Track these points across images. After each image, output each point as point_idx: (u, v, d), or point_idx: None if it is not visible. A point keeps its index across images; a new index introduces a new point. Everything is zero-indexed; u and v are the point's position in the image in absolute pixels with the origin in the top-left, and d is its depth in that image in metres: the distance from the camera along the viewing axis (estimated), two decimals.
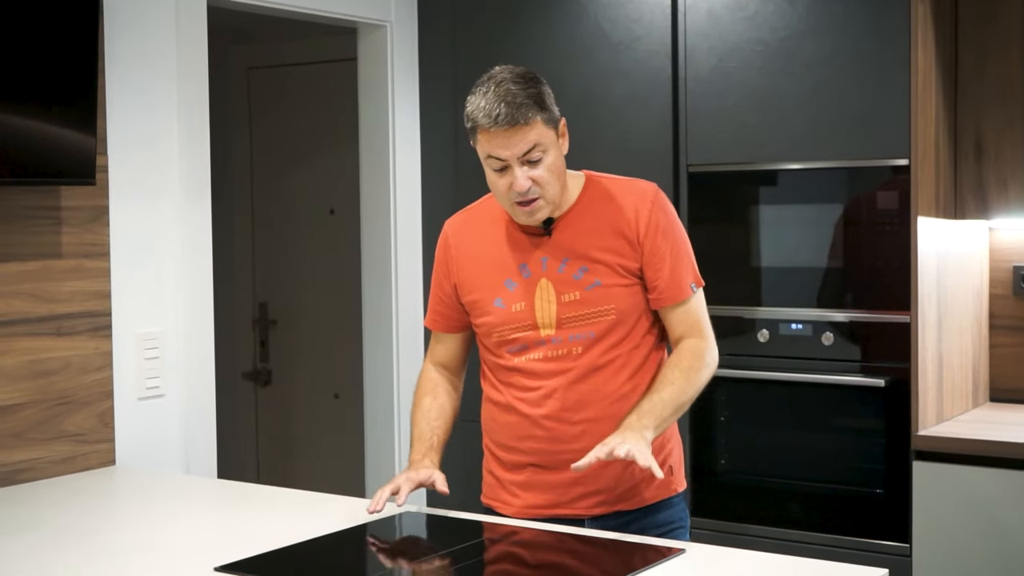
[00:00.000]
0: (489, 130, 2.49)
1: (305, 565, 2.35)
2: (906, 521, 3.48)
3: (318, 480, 4.65)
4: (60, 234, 3.16)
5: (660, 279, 2.61)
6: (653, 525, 2.63)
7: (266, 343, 5.42)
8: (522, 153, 2.49)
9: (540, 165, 2.52)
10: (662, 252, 2.61)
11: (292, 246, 5.31)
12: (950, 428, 3.53)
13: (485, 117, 2.48)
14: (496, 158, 2.51)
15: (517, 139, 2.48)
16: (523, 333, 2.62)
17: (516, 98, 2.48)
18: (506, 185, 2.53)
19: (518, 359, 2.64)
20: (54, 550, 2.45)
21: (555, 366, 2.60)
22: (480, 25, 4.17)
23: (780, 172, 3.72)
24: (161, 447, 3.43)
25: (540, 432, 2.61)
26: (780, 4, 3.64)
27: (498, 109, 2.47)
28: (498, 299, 2.64)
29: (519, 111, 2.47)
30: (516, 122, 2.47)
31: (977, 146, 3.63)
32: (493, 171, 2.54)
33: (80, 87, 3.05)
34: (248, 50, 5.34)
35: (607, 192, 2.66)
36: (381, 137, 4.24)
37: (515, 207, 2.56)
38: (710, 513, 3.81)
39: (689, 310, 2.64)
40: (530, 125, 2.48)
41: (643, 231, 2.60)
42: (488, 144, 2.51)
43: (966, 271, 3.78)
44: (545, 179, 2.53)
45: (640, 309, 2.63)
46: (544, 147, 2.52)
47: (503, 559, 2.44)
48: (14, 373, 3.06)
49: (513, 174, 2.51)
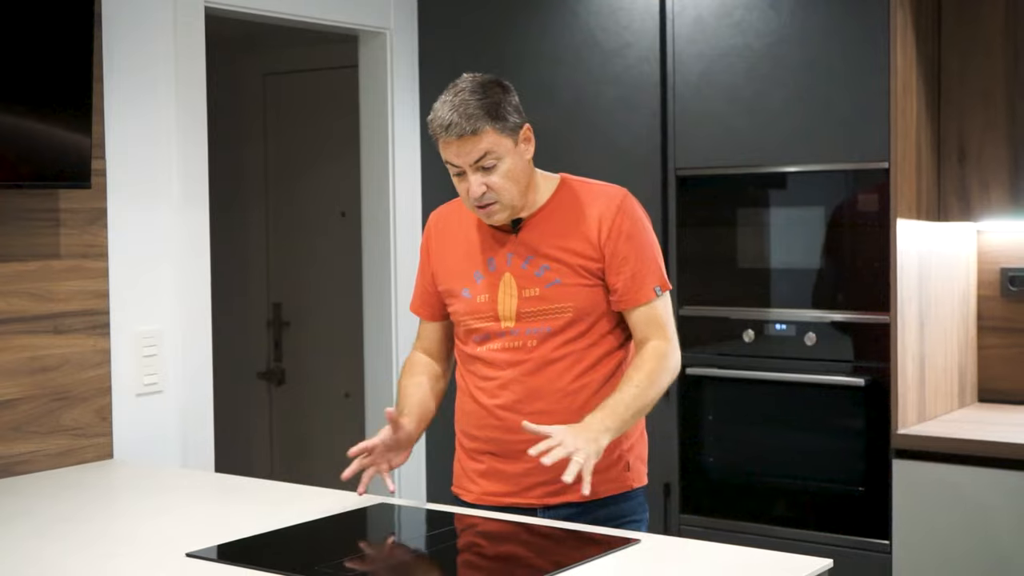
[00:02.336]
0: (443, 139, 2.63)
1: (269, 552, 2.45)
2: (887, 518, 3.54)
3: (330, 477, 4.74)
4: (59, 235, 3.28)
5: (620, 282, 2.70)
6: (606, 517, 2.71)
7: (280, 343, 5.54)
8: (474, 161, 2.62)
9: (494, 172, 2.63)
10: (623, 255, 2.69)
11: (305, 248, 5.43)
12: (932, 427, 3.58)
13: (439, 126, 2.62)
14: (453, 164, 2.66)
15: (468, 148, 2.61)
16: (485, 324, 2.74)
17: (468, 108, 2.60)
18: (464, 190, 2.67)
19: (479, 348, 2.76)
20: (38, 538, 2.57)
21: (511, 356, 2.72)
22: (477, 32, 4.27)
23: (765, 176, 3.79)
24: (159, 442, 3.54)
25: (495, 421, 2.72)
26: (765, 11, 3.71)
27: (450, 119, 2.60)
28: (466, 289, 2.77)
29: (468, 122, 2.59)
30: (465, 132, 2.60)
31: (960, 149, 3.69)
32: (454, 176, 2.68)
33: (76, 92, 3.16)
34: (263, 57, 5.47)
35: (576, 195, 2.76)
36: (381, 142, 4.34)
37: (477, 210, 2.69)
38: (698, 510, 3.89)
39: (652, 313, 2.71)
40: (479, 135, 2.60)
41: (605, 234, 2.69)
42: (444, 151, 2.66)
43: (952, 273, 3.83)
44: (500, 185, 2.64)
45: (600, 310, 2.72)
46: (497, 155, 2.63)
47: (466, 550, 2.54)
48: (13, 369, 3.18)
49: (468, 180, 2.64)
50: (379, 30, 4.28)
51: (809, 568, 2.30)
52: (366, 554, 2.48)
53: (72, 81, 3.16)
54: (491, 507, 2.75)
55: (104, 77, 3.37)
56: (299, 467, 5.40)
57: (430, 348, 2.92)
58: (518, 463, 2.70)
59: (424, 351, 2.93)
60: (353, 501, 2.78)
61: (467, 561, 2.48)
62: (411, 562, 2.50)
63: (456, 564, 2.46)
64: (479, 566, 2.47)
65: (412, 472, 4.39)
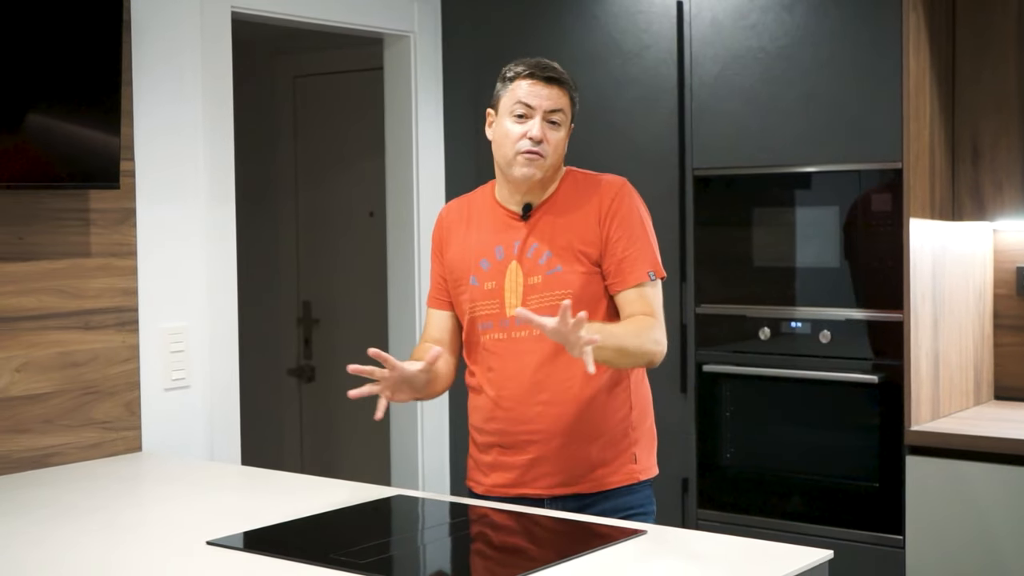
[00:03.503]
0: (531, 78, 2.76)
1: (288, 540, 2.53)
2: (900, 514, 3.59)
3: (359, 471, 4.84)
4: (88, 234, 3.37)
5: (612, 263, 2.77)
6: (612, 509, 2.79)
7: (310, 341, 5.63)
8: (549, 109, 2.76)
9: (555, 131, 2.78)
10: (616, 238, 2.77)
11: (334, 247, 5.51)
12: (946, 424, 3.62)
13: (533, 67, 2.78)
14: (526, 104, 2.76)
15: (552, 95, 2.77)
16: (492, 311, 2.82)
17: (561, 70, 2.81)
18: (521, 132, 2.76)
19: (486, 337, 2.83)
20: (57, 526, 2.67)
21: (517, 347, 2.79)
22: (499, 34, 4.34)
23: (781, 176, 3.84)
24: (187, 436, 3.63)
25: (501, 413, 2.80)
26: (779, 13, 3.76)
27: (547, 65, 2.79)
28: (473, 277, 2.85)
29: (562, 76, 2.79)
30: (554, 82, 2.77)
31: (974, 150, 3.73)
32: (514, 117, 2.77)
33: (104, 94, 3.26)
34: (295, 59, 5.56)
35: (579, 185, 2.86)
36: (405, 144, 4.43)
37: (518, 157, 2.77)
38: (715, 505, 3.95)
39: (643, 296, 2.77)
40: (564, 92, 2.79)
41: (602, 219, 2.79)
42: (523, 91, 2.76)
43: (968, 271, 3.87)
44: (554, 142, 2.78)
45: (598, 296, 2.79)
46: (563, 118, 2.80)
47: (475, 539, 2.61)
48: (44, 364, 3.29)
49: (534, 122, 2.75)
50: (403, 33, 4.36)
51: (810, 559, 2.34)
52: (373, 545, 2.54)
53: (101, 84, 3.25)
54: (500, 498, 2.82)
55: (133, 80, 3.46)
56: (328, 462, 5.49)
57: (440, 337, 2.94)
58: (523, 454, 2.78)
59: (434, 340, 2.94)
60: (370, 493, 2.86)
61: (475, 550, 2.54)
62: (412, 554, 2.53)
63: (462, 553, 2.52)
64: (485, 555, 2.53)
65: (435, 466, 4.47)
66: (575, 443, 2.77)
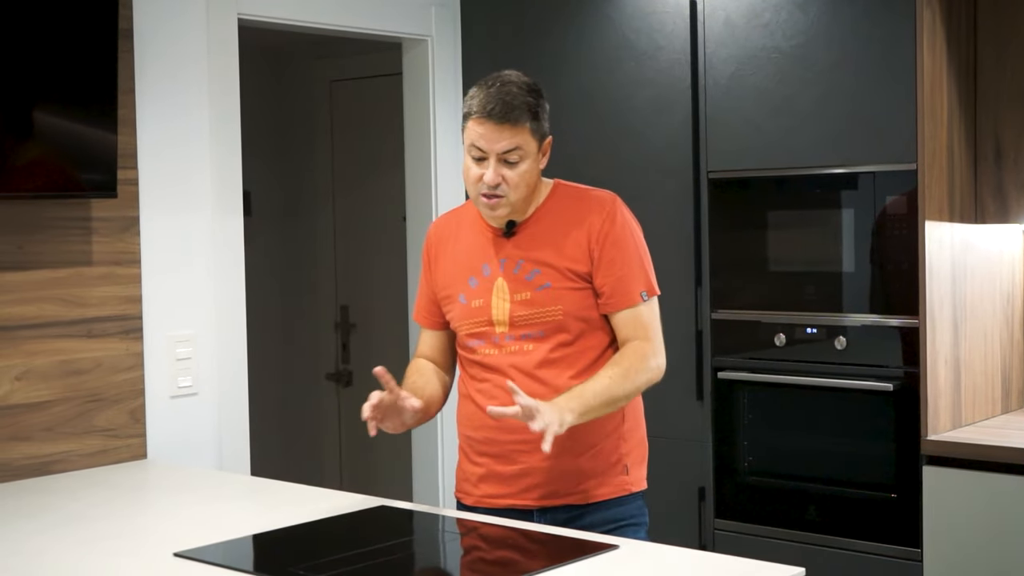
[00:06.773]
0: (480, 120, 2.66)
1: (259, 552, 2.51)
2: (918, 526, 3.48)
3: (398, 473, 4.85)
4: (90, 243, 3.39)
5: (607, 285, 2.72)
6: (603, 521, 2.74)
7: (347, 345, 5.64)
8: (502, 151, 2.66)
9: (515, 168, 2.68)
10: (610, 259, 2.71)
11: (370, 252, 5.51)
12: (966, 433, 3.50)
13: (480, 107, 2.66)
14: (478, 147, 2.67)
15: (503, 135, 2.65)
16: (481, 328, 2.78)
17: (514, 100, 2.65)
18: (478, 175, 2.69)
19: (476, 353, 2.80)
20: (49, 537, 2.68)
21: (507, 360, 2.75)
22: (516, 38, 4.31)
23: (796, 178, 3.75)
24: (194, 444, 3.64)
25: (491, 423, 2.75)
26: (793, 12, 3.67)
27: (494, 103, 2.64)
28: (462, 295, 2.81)
29: (512, 112, 2.64)
30: (506, 120, 2.64)
31: (996, 150, 3.60)
32: (472, 159, 2.70)
33: (101, 102, 3.27)
34: (330, 64, 5.57)
35: (568, 200, 2.80)
36: (424, 147, 4.41)
37: (480, 198, 2.71)
38: (732, 515, 3.86)
39: (637, 317, 2.73)
40: (517, 128, 2.65)
41: (593, 238, 2.72)
42: (474, 133, 2.67)
43: (993, 275, 3.74)
44: (514, 182, 2.68)
45: (590, 313, 2.74)
46: (523, 153, 2.68)
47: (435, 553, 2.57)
48: (45, 372, 3.31)
49: (488, 166, 2.67)
50: (421, 38, 4.34)
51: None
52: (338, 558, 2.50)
53: (97, 92, 3.26)
54: (489, 509, 2.78)
55: (137, 89, 3.47)
56: (366, 467, 5.50)
57: (432, 356, 2.96)
58: (513, 464, 2.75)
59: (426, 358, 2.96)
60: (354, 502, 2.83)
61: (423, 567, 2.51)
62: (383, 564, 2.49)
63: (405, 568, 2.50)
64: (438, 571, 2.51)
65: (427, 478, 4.47)
66: (565, 454, 2.72)
